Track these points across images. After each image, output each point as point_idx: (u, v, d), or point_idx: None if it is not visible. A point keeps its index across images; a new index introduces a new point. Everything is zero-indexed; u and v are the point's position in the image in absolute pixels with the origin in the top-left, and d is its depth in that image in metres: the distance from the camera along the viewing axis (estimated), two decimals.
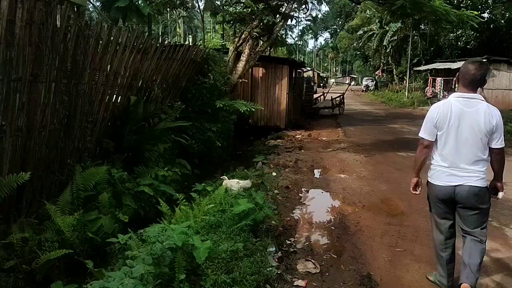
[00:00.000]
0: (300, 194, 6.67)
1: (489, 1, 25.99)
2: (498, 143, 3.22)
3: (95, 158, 5.43)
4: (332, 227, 5.20)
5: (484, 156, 3.23)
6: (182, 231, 3.43)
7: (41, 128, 4.38)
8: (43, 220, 4.19)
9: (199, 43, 11.13)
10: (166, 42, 7.81)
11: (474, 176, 3.20)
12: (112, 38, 5.70)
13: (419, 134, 3.44)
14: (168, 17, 44.22)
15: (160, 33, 42.76)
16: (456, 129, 3.20)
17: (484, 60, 20.74)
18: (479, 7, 25.41)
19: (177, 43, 9.45)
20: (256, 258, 3.73)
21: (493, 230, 5.09)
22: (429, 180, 3.48)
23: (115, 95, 6.08)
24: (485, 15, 26.88)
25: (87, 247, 4.21)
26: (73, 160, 5.03)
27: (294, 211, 5.83)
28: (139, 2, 26.60)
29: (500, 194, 3.39)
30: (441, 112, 3.26)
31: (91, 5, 26.11)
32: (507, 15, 24.60)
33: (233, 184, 5.69)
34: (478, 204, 3.23)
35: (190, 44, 9.13)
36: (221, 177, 6.15)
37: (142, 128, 6.32)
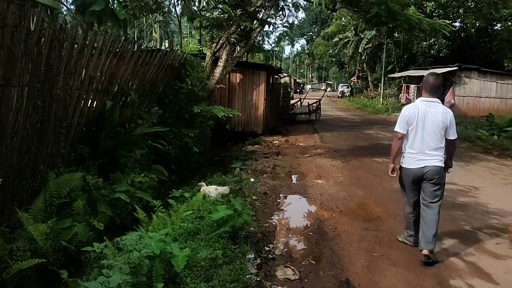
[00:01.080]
0: (278, 200, 6.68)
1: (460, 11, 26.73)
2: (452, 135, 4.30)
3: (69, 164, 5.29)
4: (310, 233, 5.22)
5: (441, 145, 4.30)
6: (160, 238, 3.38)
7: (13, 133, 4.25)
8: (14, 228, 4.06)
9: (176, 48, 11.03)
10: (142, 47, 7.71)
11: (436, 158, 4.27)
12: (87, 42, 5.59)
13: (395, 129, 4.47)
14: (144, 22, 43.81)
15: (135, 38, 42.31)
16: (422, 124, 4.27)
17: (455, 68, 21.43)
18: (451, 16, 26.11)
19: (153, 48, 9.35)
20: (235, 266, 3.71)
21: (466, 234, 5.22)
22: (402, 165, 4.52)
23: (90, 100, 5.96)
24: (457, 24, 27.64)
25: (60, 256, 4.09)
26: (46, 166, 4.89)
27: (272, 217, 5.83)
28: (115, 6, 26.31)
29: (450, 170, 4.53)
30: (411, 112, 4.33)
31: (65, 8, 25.63)
32: (477, 24, 25.36)
33: (211, 190, 5.65)
34: (439, 179, 4.27)
35: (167, 48, 9.05)
36: (198, 183, 6.10)
37: (118, 134, 6.21)
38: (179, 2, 16.16)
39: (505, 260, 4.42)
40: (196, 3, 16.55)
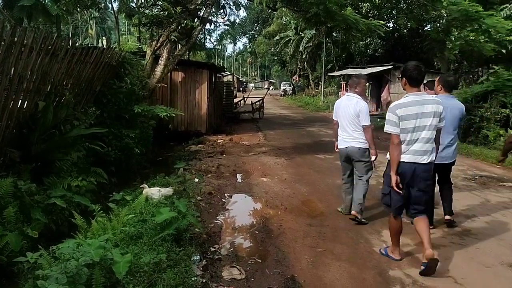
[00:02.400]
0: (223, 200, 6.64)
1: (393, 12, 27.97)
2: (363, 122, 5.27)
3: None
4: (256, 231, 5.23)
5: (359, 130, 5.32)
6: (99, 245, 3.23)
7: None
8: None
9: (114, 46, 10.64)
10: (77, 44, 7.35)
11: (355, 141, 5.34)
12: (16, 39, 5.23)
13: (333, 117, 5.72)
14: (79, 18, 41.99)
15: (70, 34, 40.39)
16: (343, 113, 5.43)
17: (390, 66, 22.47)
18: (385, 17, 27.25)
19: (89, 45, 8.95)
20: (180, 269, 3.62)
21: (403, 226, 5.44)
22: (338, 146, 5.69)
23: (20, 101, 5.59)
24: (390, 24, 28.91)
25: None
26: None
27: (217, 217, 5.78)
28: (46, 0, 24.95)
29: (373, 157, 5.39)
30: (337, 104, 5.63)
31: None
32: (409, 25, 26.64)
33: (154, 192, 5.49)
34: (360, 157, 5.34)
35: (104, 46, 8.70)
36: (141, 185, 5.91)
37: (52, 136, 5.88)
38: None
39: (439, 249, 4.67)
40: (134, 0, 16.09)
